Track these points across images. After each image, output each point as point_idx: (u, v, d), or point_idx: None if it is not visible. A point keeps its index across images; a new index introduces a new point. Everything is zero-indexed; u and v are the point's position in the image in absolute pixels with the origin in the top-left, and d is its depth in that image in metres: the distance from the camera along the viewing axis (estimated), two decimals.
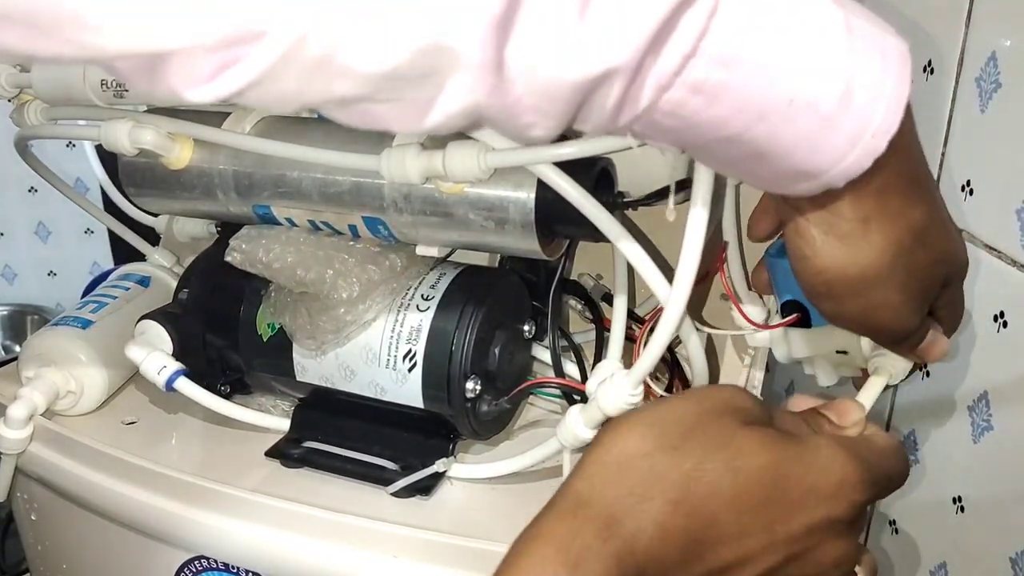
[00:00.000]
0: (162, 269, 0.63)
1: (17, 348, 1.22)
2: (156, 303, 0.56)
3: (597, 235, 0.40)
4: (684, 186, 0.41)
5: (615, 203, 0.40)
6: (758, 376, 0.54)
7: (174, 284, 0.60)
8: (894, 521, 0.65)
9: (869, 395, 0.44)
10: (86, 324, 0.55)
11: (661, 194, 0.41)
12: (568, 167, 0.39)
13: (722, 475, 0.30)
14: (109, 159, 0.76)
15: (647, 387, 0.47)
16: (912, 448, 0.62)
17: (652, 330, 0.39)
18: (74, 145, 1.20)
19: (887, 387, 0.46)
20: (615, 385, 0.39)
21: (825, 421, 0.35)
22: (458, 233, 0.43)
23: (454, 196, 0.42)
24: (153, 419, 0.54)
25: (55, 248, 1.30)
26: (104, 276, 0.73)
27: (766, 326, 0.48)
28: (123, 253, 0.65)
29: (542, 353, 0.52)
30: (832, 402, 0.36)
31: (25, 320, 1.24)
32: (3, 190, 1.26)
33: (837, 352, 0.47)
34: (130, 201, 0.53)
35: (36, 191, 1.26)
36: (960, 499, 0.56)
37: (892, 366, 0.45)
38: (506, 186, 0.41)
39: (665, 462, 0.30)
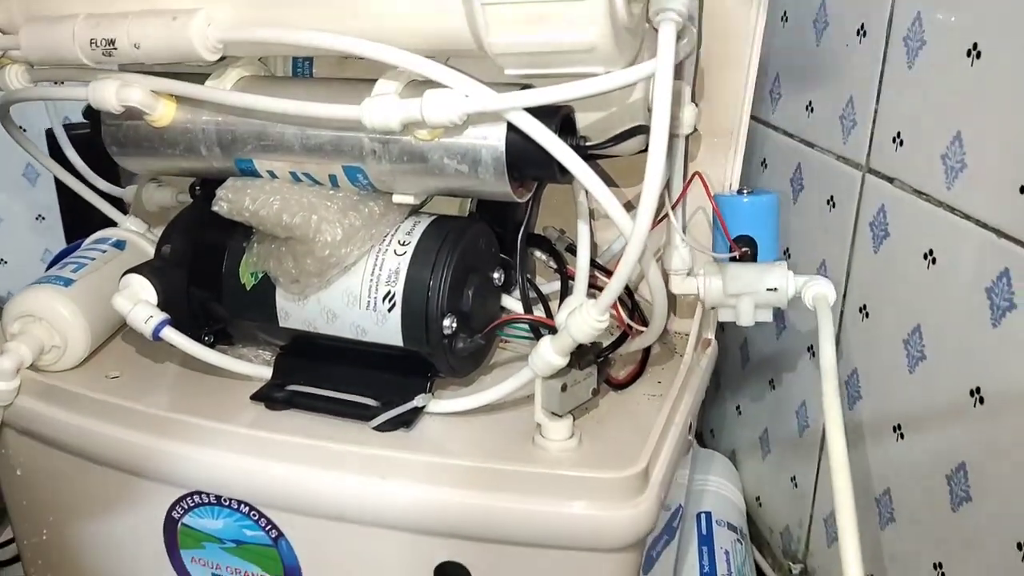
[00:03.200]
0: (135, 234, 0.66)
1: None
2: (133, 264, 0.59)
3: (563, 176, 0.45)
4: (641, 131, 0.46)
5: (578, 147, 0.44)
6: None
7: (148, 248, 0.64)
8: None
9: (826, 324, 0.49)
10: (68, 282, 0.58)
11: (619, 138, 0.46)
12: (534, 115, 0.43)
13: None
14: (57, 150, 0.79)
15: (618, 316, 0.52)
16: (855, 383, 0.68)
17: None
18: (25, 129, 1.21)
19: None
20: (583, 312, 0.44)
21: None
22: (434, 179, 0.48)
23: (430, 143, 0.46)
24: (136, 373, 0.57)
25: (6, 236, 1.29)
26: (66, 252, 0.75)
27: (724, 254, 0.53)
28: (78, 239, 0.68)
29: (512, 304, 0.57)
30: None
31: None
32: None
33: (768, 290, 0.53)
34: (95, 176, 0.55)
35: None
36: (900, 427, 0.62)
37: (828, 289, 0.51)
38: (478, 132, 0.45)
39: None
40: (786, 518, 0.80)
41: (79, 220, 0.95)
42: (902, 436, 0.62)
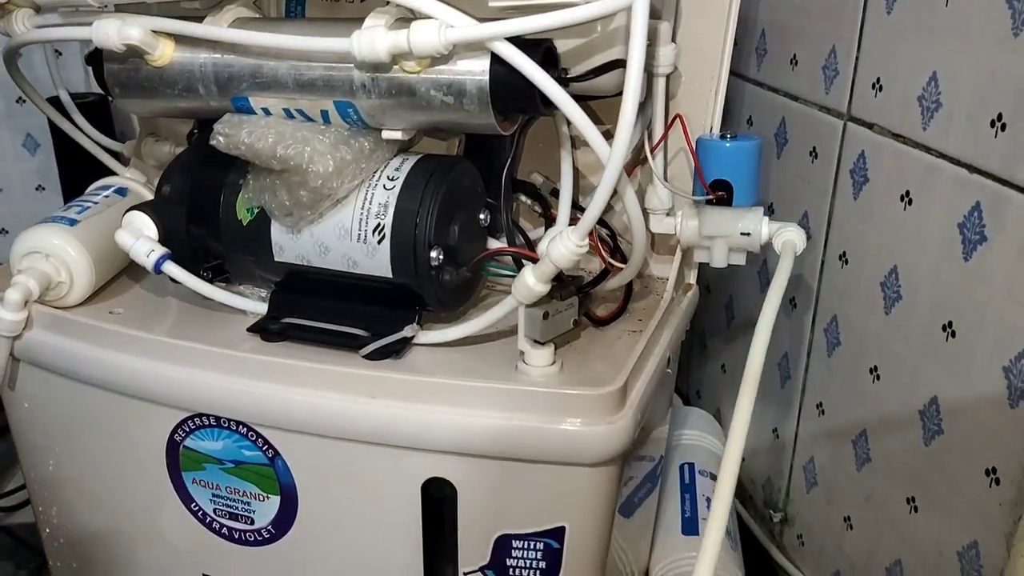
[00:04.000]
0: (135, 183, 0.67)
1: None
2: None
3: (545, 107, 0.46)
4: (620, 64, 0.47)
5: (560, 78, 0.45)
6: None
7: (149, 195, 0.65)
8: (820, 404, 0.71)
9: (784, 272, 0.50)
10: (72, 222, 0.59)
11: (599, 71, 0.47)
12: (518, 47, 0.44)
13: None
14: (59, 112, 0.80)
15: (595, 244, 0.53)
16: (834, 330, 0.69)
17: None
18: (24, 101, 1.21)
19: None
20: (563, 238, 0.45)
21: None
22: (422, 113, 0.49)
23: (417, 76, 0.47)
24: (138, 309, 0.58)
25: (6, 205, 1.29)
26: None
27: (709, 190, 0.54)
28: None
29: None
30: None
31: None
32: None
33: (741, 234, 0.54)
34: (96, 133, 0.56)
35: None
36: (876, 368, 0.63)
37: (797, 236, 0.52)
38: (464, 65, 0.46)
39: None
40: (768, 469, 0.82)
41: (79, 189, 0.96)
42: (878, 378, 0.63)
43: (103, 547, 0.61)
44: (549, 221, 0.60)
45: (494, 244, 0.57)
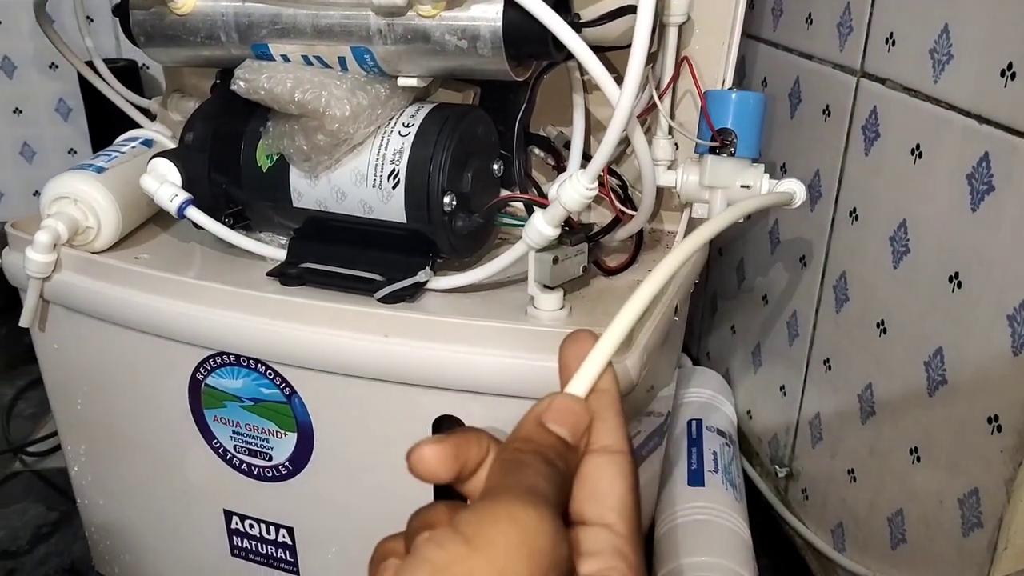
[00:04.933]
0: (162, 135, 0.67)
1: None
2: None
3: (558, 52, 0.45)
4: (631, 10, 0.47)
5: (572, 23, 0.45)
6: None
7: (173, 146, 0.65)
8: (827, 360, 0.71)
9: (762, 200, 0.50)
10: (100, 170, 0.59)
11: (610, 16, 0.46)
12: None
13: None
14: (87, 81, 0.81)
15: (606, 190, 0.52)
16: (843, 287, 0.68)
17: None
18: (57, 67, 1.22)
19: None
20: (573, 181, 0.44)
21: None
22: (436, 59, 0.48)
23: (432, 22, 0.46)
24: (162, 255, 0.59)
25: (40, 168, 1.31)
26: None
27: (717, 137, 0.53)
28: None
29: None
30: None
31: None
32: None
33: (741, 186, 0.53)
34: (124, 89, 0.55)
35: (21, 112, 1.28)
36: (883, 322, 0.62)
37: (799, 190, 0.51)
38: (477, 10, 0.46)
39: None
40: (774, 426, 0.81)
41: None
42: (885, 331, 0.62)
43: (129, 483, 0.62)
44: (562, 171, 0.59)
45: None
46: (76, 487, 0.66)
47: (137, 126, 0.74)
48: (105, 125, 1.09)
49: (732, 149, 0.52)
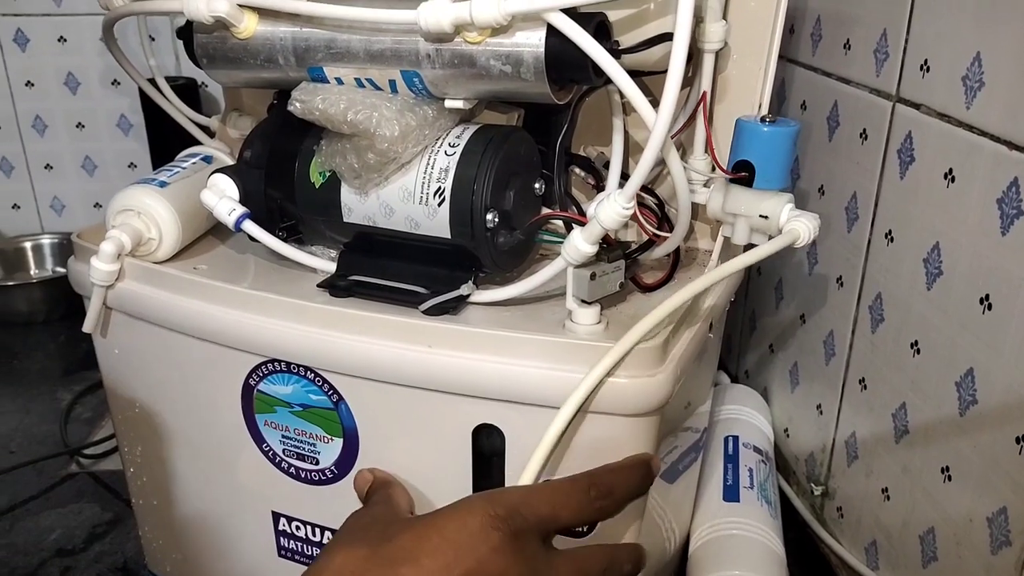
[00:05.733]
0: (220, 152, 0.71)
1: (63, 271, 1.32)
2: None
3: (598, 77, 0.48)
4: (668, 38, 0.49)
5: (612, 50, 0.47)
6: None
7: (232, 162, 0.68)
8: (863, 379, 0.72)
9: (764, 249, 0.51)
10: (163, 184, 0.62)
11: (648, 43, 0.49)
12: (572, 18, 0.46)
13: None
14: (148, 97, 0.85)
15: (639, 221, 0.54)
16: (878, 307, 0.69)
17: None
18: (119, 84, 1.28)
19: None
20: (611, 200, 0.46)
21: None
22: (481, 82, 0.51)
23: (478, 47, 0.49)
24: (219, 267, 0.62)
25: (100, 181, 1.37)
26: None
27: (725, 171, 0.54)
28: None
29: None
30: None
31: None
32: (53, 127, 1.33)
33: (760, 216, 0.54)
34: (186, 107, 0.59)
35: (83, 127, 1.34)
36: (916, 343, 0.63)
37: (805, 229, 0.52)
38: (521, 36, 0.48)
39: None
40: (811, 445, 0.82)
41: None
42: (918, 352, 0.63)
43: (182, 485, 0.65)
44: (602, 190, 0.61)
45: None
46: (132, 488, 0.69)
47: (196, 142, 0.78)
48: (164, 140, 1.14)
49: (748, 181, 0.53)
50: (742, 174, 0.53)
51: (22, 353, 1.16)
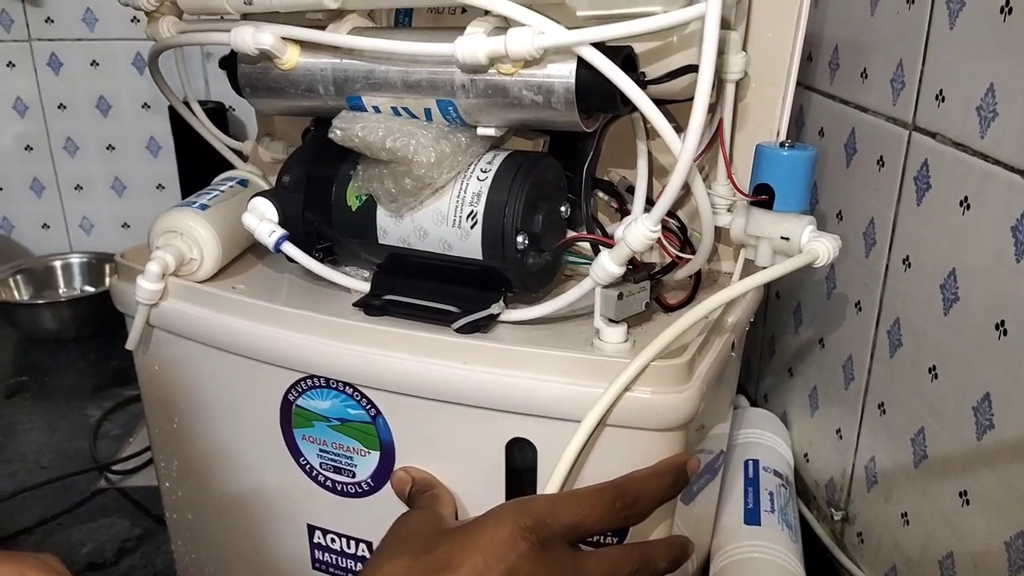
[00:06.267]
0: (254, 175, 0.75)
1: (92, 289, 1.36)
2: None
3: (625, 106, 0.51)
4: (692, 70, 0.52)
5: (638, 81, 0.50)
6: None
7: (266, 186, 0.72)
8: (882, 404, 0.74)
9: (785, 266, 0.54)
10: (204, 207, 0.66)
11: (673, 75, 0.52)
12: (601, 51, 0.49)
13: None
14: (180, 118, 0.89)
15: (662, 243, 0.57)
16: (896, 332, 0.71)
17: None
18: (149, 107, 1.33)
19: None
20: (638, 223, 0.49)
21: None
22: (513, 111, 0.54)
23: (511, 78, 0.52)
24: (256, 286, 0.65)
25: (129, 202, 1.42)
26: None
27: (745, 195, 0.57)
28: None
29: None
30: None
31: (103, 267, 1.37)
32: (84, 148, 1.39)
33: (781, 238, 0.56)
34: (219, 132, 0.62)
35: (114, 149, 1.39)
36: (934, 367, 0.65)
37: (825, 249, 0.54)
38: (552, 68, 0.52)
39: None
40: (831, 470, 0.84)
41: (195, 188, 1.06)
42: (936, 377, 0.65)
43: (217, 498, 0.67)
44: (625, 216, 0.64)
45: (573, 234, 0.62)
46: (166, 502, 0.72)
47: (224, 163, 0.82)
48: (193, 162, 1.19)
49: (768, 204, 0.56)
50: (762, 197, 0.56)
51: (52, 370, 1.20)
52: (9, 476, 0.93)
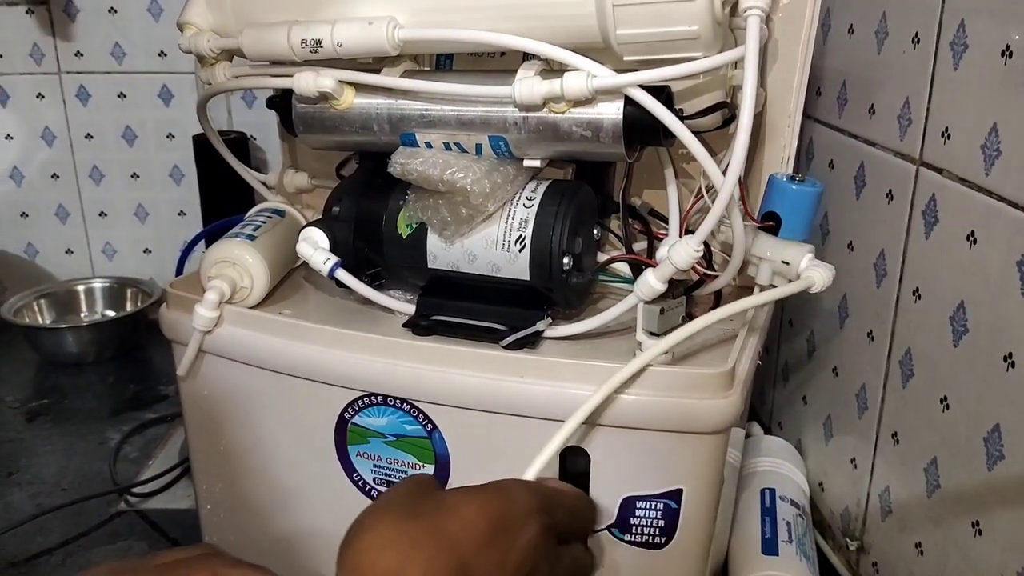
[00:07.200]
0: (287, 206, 0.82)
1: (112, 314, 1.44)
2: (292, 227, 0.76)
3: (667, 139, 0.59)
4: (722, 107, 0.61)
5: (679, 116, 0.59)
6: None
7: (298, 216, 0.80)
8: (895, 433, 0.79)
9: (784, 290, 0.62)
10: (251, 237, 0.73)
11: (705, 112, 0.61)
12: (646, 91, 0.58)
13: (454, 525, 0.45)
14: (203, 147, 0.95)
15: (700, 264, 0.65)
16: (908, 362, 0.77)
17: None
18: (173, 137, 1.42)
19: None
20: (683, 244, 0.58)
21: None
22: (562, 145, 0.62)
23: (562, 116, 0.61)
24: (302, 311, 0.72)
25: (151, 228, 1.51)
26: (195, 241, 0.97)
27: (754, 220, 0.65)
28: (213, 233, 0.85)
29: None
30: None
31: (124, 291, 1.46)
32: (109, 176, 1.48)
33: (783, 262, 0.64)
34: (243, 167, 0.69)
35: (138, 177, 1.48)
36: (945, 398, 0.71)
37: (820, 277, 0.62)
38: (601, 107, 0.60)
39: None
40: (846, 499, 0.88)
41: (215, 216, 1.14)
42: (948, 407, 0.70)
43: (263, 519, 0.73)
44: (651, 236, 0.72)
45: (601, 257, 0.70)
46: (206, 524, 0.77)
47: (246, 193, 0.90)
48: (214, 191, 1.27)
49: (774, 231, 0.64)
50: (769, 223, 0.64)
51: (72, 393, 1.26)
52: (30, 498, 0.99)
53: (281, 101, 0.72)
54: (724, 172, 0.56)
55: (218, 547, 0.46)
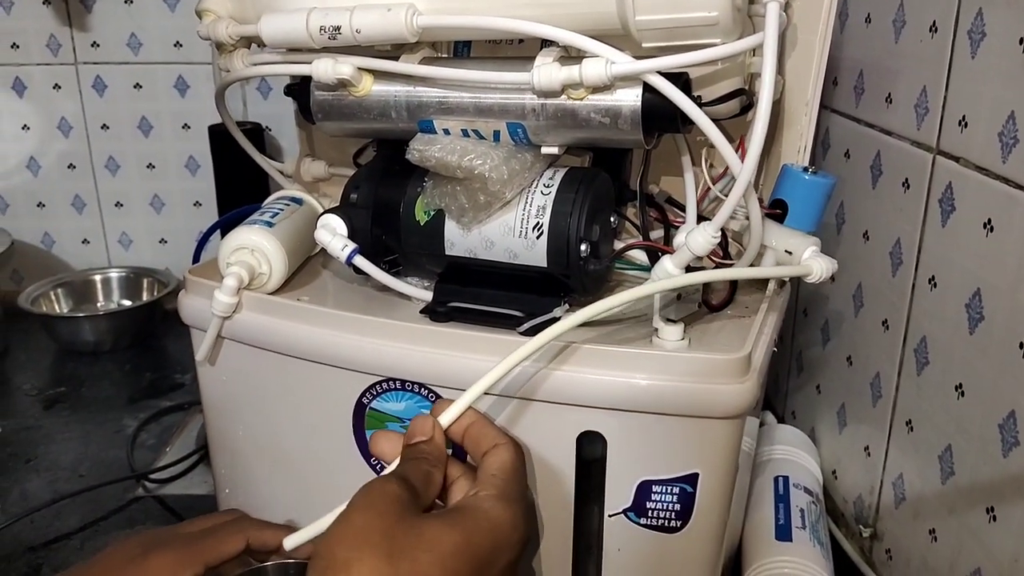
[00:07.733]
0: (304, 194, 0.83)
1: (129, 303, 1.46)
2: (310, 215, 0.77)
3: (685, 126, 0.60)
4: (740, 94, 0.61)
5: (697, 103, 0.59)
6: None
7: (315, 204, 0.80)
8: (909, 421, 0.80)
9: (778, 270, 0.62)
10: (270, 224, 0.74)
11: (724, 99, 0.61)
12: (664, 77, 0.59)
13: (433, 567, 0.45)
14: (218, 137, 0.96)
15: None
16: (923, 350, 0.77)
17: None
18: (189, 128, 1.43)
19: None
20: (701, 230, 0.58)
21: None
22: (580, 132, 0.63)
23: (580, 102, 0.61)
24: (320, 297, 0.73)
25: (167, 219, 1.53)
26: (211, 231, 0.96)
27: (764, 207, 0.65)
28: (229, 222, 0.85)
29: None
30: (409, 428, 0.57)
31: (140, 281, 1.48)
32: (125, 167, 1.50)
33: (786, 251, 0.65)
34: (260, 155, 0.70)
35: (154, 167, 1.49)
36: (960, 385, 0.71)
37: (819, 268, 0.63)
38: (619, 93, 0.61)
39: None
40: (859, 487, 0.89)
41: (231, 206, 1.15)
42: (963, 394, 0.70)
43: (281, 502, 0.74)
44: (667, 223, 0.73)
45: (617, 244, 0.71)
46: (223, 508, 0.78)
47: (261, 182, 0.91)
48: (230, 181, 1.28)
49: (780, 218, 0.64)
50: (776, 211, 0.65)
51: (89, 382, 1.29)
52: (48, 484, 1.01)
53: (299, 88, 0.73)
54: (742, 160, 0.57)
55: (245, 512, 0.47)
